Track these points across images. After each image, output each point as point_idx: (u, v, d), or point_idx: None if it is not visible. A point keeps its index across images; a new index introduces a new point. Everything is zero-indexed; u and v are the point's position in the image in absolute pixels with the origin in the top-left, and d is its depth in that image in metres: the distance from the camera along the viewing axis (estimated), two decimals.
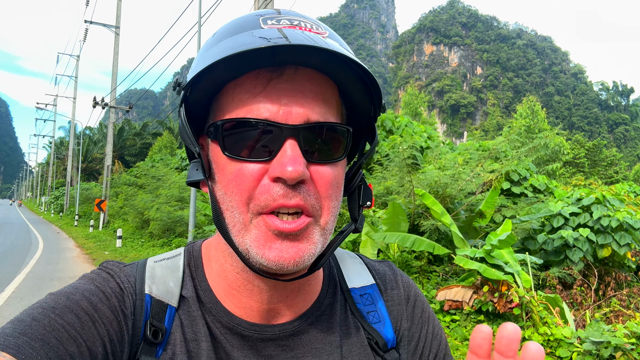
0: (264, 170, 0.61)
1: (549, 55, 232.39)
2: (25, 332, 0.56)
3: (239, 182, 0.61)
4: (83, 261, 13.90)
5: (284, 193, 0.60)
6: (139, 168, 26.87)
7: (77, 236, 22.49)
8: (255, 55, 0.59)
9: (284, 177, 0.59)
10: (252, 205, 0.61)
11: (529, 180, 11.19)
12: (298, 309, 0.73)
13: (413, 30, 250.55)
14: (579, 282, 7.73)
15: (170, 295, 0.70)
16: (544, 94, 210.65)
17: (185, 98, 0.65)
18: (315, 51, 0.59)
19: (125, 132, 60.31)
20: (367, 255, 5.95)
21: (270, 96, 0.61)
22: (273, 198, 0.60)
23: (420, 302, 0.84)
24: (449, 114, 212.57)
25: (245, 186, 0.61)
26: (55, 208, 51.40)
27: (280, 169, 0.59)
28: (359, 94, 0.67)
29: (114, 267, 0.71)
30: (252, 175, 0.61)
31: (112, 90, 25.61)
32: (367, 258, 0.88)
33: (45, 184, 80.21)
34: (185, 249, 0.78)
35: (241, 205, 0.62)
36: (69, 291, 0.64)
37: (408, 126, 14.91)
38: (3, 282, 9.86)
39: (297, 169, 0.58)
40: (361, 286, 0.81)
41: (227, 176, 0.63)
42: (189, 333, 0.68)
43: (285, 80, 0.61)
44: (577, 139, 56.43)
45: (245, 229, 0.62)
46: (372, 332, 0.76)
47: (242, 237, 0.63)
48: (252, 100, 0.61)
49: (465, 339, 5.77)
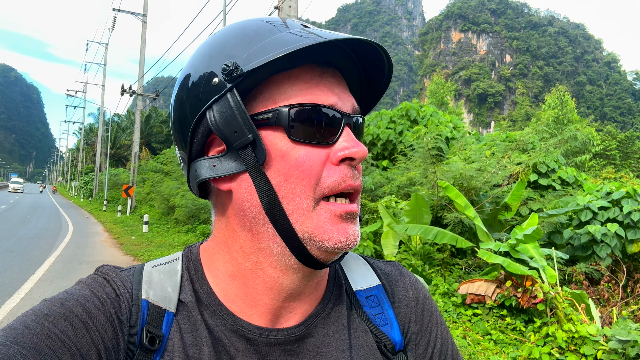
0: (327, 155, 0.65)
1: (582, 43, 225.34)
2: (17, 341, 0.55)
3: (306, 166, 0.63)
4: (111, 245, 14.25)
5: (352, 174, 0.65)
6: (165, 155, 27.26)
7: (106, 221, 23.05)
8: (309, 51, 0.63)
9: (354, 156, 0.64)
10: (319, 189, 0.64)
11: (557, 172, 10.92)
12: (308, 306, 0.73)
13: (440, 17, 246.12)
14: (606, 278, 7.55)
15: (168, 300, 0.69)
16: (575, 83, 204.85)
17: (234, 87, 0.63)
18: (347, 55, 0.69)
19: (152, 120, 61.22)
20: (388, 247, 5.94)
21: (326, 87, 0.66)
22: (343, 179, 0.64)
23: (429, 305, 0.83)
24: (476, 103, 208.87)
25: (314, 170, 0.63)
26: (85, 193, 52.69)
27: (349, 149, 0.64)
28: (357, 92, 0.74)
29: (110, 272, 0.70)
30: (320, 159, 0.64)
31: (139, 78, 25.97)
32: (372, 258, 0.87)
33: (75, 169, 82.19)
34: (183, 253, 0.77)
35: (308, 189, 0.63)
36: (64, 297, 0.63)
37: (433, 116, 14.68)
38: (34, 265, 10.20)
39: (364, 149, 0.65)
40: (366, 288, 0.80)
41: (289, 161, 0.63)
42: (189, 338, 0.67)
43: (331, 75, 0.68)
44: (609, 130, 54.79)
45: (307, 215, 0.64)
46: (380, 335, 0.75)
47: (302, 223, 0.64)
48: (314, 89, 0.65)
49: (487, 333, 5.72)
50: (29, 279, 8.83)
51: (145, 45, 26.71)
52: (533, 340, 5.10)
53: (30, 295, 7.69)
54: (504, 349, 5.29)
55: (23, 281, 8.60)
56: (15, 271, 9.46)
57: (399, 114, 14.92)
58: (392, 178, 11.34)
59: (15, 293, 7.75)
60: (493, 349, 5.28)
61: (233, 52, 0.64)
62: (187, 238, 14.65)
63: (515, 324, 5.85)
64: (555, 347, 4.80)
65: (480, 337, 5.61)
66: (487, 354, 5.11)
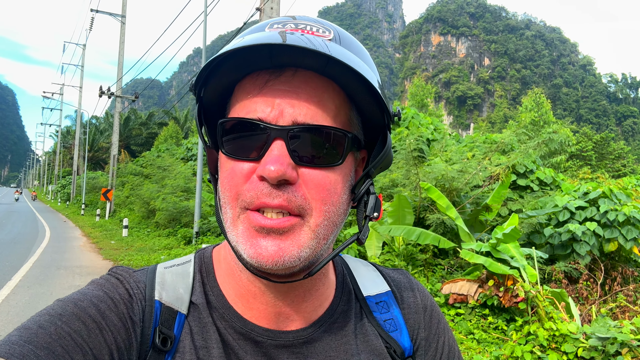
0: (253, 169, 0.62)
1: (558, 46, 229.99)
2: (31, 340, 0.56)
3: (230, 179, 0.63)
4: (89, 250, 13.99)
5: (268, 192, 0.60)
6: (145, 158, 26.94)
7: (84, 225, 22.64)
8: (254, 57, 0.61)
9: (264, 176, 0.59)
10: (240, 200, 0.62)
11: (535, 173, 11.11)
12: (308, 314, 0.72)
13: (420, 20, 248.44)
14: (585, 276, 7.70)
15: (180, 301, 0.69)
16: (552, 85, 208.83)
17: (200, 98, 0.69)
18: (309, 53, 0.58)
19: (131, 122, 60.40)
20: (372, 249, 5.93)
21: (265, 97, 0.62)
22: (257, 196, 0.61)
23: (437, 312, 0.84)
24: (456, 106, 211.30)
25: (235, 182, 0.63)
26: (62, 197, 51.73)
27: (263, 168, 0.60)
28: (364, 99, 0.66)
29: (124, 272, 0.71)
30: (241, 173, 0.62)
31: (118, 79, 25.60)
32: (381, 266, 0.88)
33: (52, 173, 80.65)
34: (196, 255, 0.78)
35: (232, 200, 0.63)
36: (77, 298, 0.64)
37: (415, 118, 14.81)
38: (10, 271, 9.94)
39: (278, 168, 0.58)
40: (376, 294, 0.80)
41: (224, 173, 0.65)
42: (199, 340, 0.67)
43: (282, 81, 0.62)
44: (585, 131, 55.95)
45: (234, 224, 0.64)
46: (389, 341, 0.76)
47: (231, 232, 0.64)
48: (249, 100, 0.63)
49: (470, 332, 5.77)
50: (6, 285, 8.61)
51: (124, 47, 26.37)
52: (515, 338, 5.17)
53: (7, 301, 7.49)
54: (486, 347, 5.35)
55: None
56: None
57: None
58: (375, 180, 11.36)
59: None
60: (476, 348, 5.33)
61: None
62: (168, 242, 14.45)
63: (497, 323, 5.91)
64: (537, 345, 4.86)
65: (464, 336, 5.66)
66: (470, 353, 5.15)
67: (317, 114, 0.62)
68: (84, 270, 10.40)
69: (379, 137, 0.71)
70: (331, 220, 0.64)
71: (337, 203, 0.64)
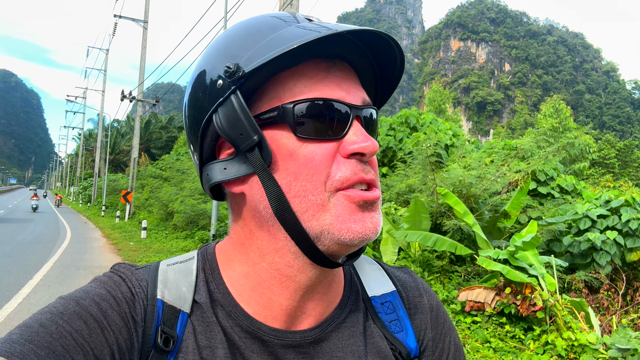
0: (336, 149, 0.63)
1: (581, 52, 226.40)
2: (32, 339, 0.55)
3: (314, 162, 0.61)
4: (109, 251, 14.20)
5: (362, 168, 0.62)
6: (164, 161, 27.31)
7: (104, 226, 22.99)
8: (312, 46, 0.61)
9: (364, 152, 0.62)
10: (329, 183, 0.62)
11: (556, 180, 10.93)
12: (323, 310, 0.72)
13: (440, 26, 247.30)
14: (606, 286, 7.53)
15: (183, 300, 0.68)
16: (574, 92, 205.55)
17: (238, 88, 0.62)
18: (385, 39, 0.65)
19: (151, 125, 61.30)
20: (387, 254, 5.89)
21: (333, 81, 0.64)
22: (354, 172, 0.62)
23: (442, 312, 0.84)
24: (475, 112, 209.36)
25: (322, 165, 0.62)
26: (84, 198, 52.60)
27: (358, 144, 0.62)
28: (370, 85, 0.72)
29: (126, 270, 0.70)
30: (328, 154, 0.62)
31: (139, 83, 26.02)
32: (386, 264, 0.86)
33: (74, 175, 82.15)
34: (199, 252, 0.76)
35: (319, 185, 0.61)
36: (79, 296, 0.63)
37: (433, 123, 14.72)
38: (32, 270, 10.15)
39: (375, 143, 0.62)
40: (382, 294, 0.79)
41: (298, 160, 0.62)
42: (203, 340, 0.66)
43: (339, 69, 0.66)
44: (608, 138, 54.92)
45: (322, 209, 0.62)
46: (395, 342, 0.75)
47: (318, 219, 0.61)
48: (319, 84, 0.63)
49: (486, 341, 5.69)
50: (27, 284, 8.79)
51: (145, 52, 26.79)
52: (532, 348, 5.08)
53: (27, 300, 7.65)
54: (503, 357, 5.27)
55: (20, 286, 8.56)
56: (12, 276, 9.42)
57: (398, 121, 14.96)
58: (392, 185, 11.34)
59: (12, 298, 7.71)
60: (492, 357, 5.26)
61: (235, 53, 0.63)
62: (186, 244, 14.61)
63: (514, 332, 5.82)
64: (555, 355, 4.78)
65: (480, 344, 5.58)
66: None
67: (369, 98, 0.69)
68: (103, 270, 10.35)
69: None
70: None
71: None
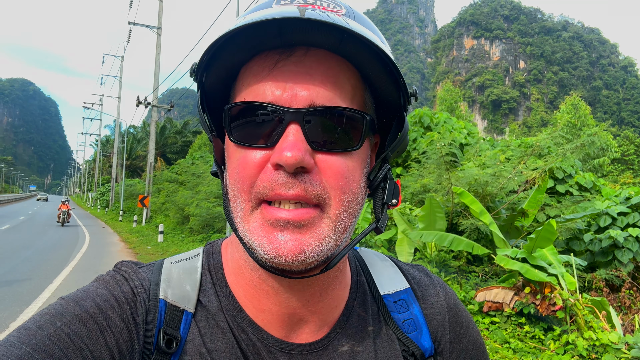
0: (267, 158, 0.57)
1: (597, 47, 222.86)
2: (29, 342, 0.54)
3: (242, 168, 0.58)
4: (126, 255, 14.37)
5: (284, 182, 0.56)
6: (180, 165, 27.54)
7: (122, 231, 23.27)
8: (262, 35, 0.56)
9: (281, 163, 0.55)
10: (254, 192, 0.58)
11: (575, 177, 10.77)
12: (324, 316, 0.69)
13: (453, 24, 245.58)
14: (627, 284, 7.39)
15: (187, 300, 0.66)
16: (591, 88, 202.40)
17: (202, 84, 0.63)
18: (324, 28, 0.54)
19: (167, 131, 61.92)
20: (403, 255, 5.83)
21: (276, 79, 0.57)
22: (272, 186, 0.56)
23: (461, 310, 0.80)
24: (490, 110, 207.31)
25: (247, 172, 0.58)
26: (102, 203, 53.33)
27: (279, 154, 0.55)
28: (381, 78, 0.61)
29: (129, 269, 0.68)
30: (254, 162, 0.58)
31: (154, 89, 26.31)
32: (400, 261, 0.83)
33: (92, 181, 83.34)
34: (204, 250, 0.74)
35: (244, 193, 0.58)
36: (80, 296, 0.62)
37: (447, 122, 14.62)
38: (51, 274, 10.31)
39: (296, 154, 0.54)
40: (395, 292, 0.76)
41: (233, 163, 0.61)
42: (209, 343, 0.64)
43: (293, 62, 0.57)
44: (627, 135, 53.95)
45: (246, 219, 0.59)
46: (407, 343, 0.72)
47: (244, 228, 0.59)
48: (258, 83, 0.58)
49: (506, 341, 5.61)
50: (47, 288, 8.93)
51: (159, 58, 27.08)
52: (553, 348, 5.00)
53: (47, 303, 7.76)
54: (522, 357, 5.19)
55: (41, 290, 8.69)
56: (33, 281, 9.57)
57: (412, 121, 14.87)
58: (406, 185, 11.28)
59: (33, 302, 7.83)
60: (512, 357, 5.18)
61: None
62: None
63: (534, 332, 5.74)
64: (576, 356, 4.69)
65: (499, 345, 5.51)
66: None
67: (334, 95, 0.58)
68: None
69: (394, 120, 0.67)
70: (350, 210, 0.60)
71: (355, 191, 0.60)
